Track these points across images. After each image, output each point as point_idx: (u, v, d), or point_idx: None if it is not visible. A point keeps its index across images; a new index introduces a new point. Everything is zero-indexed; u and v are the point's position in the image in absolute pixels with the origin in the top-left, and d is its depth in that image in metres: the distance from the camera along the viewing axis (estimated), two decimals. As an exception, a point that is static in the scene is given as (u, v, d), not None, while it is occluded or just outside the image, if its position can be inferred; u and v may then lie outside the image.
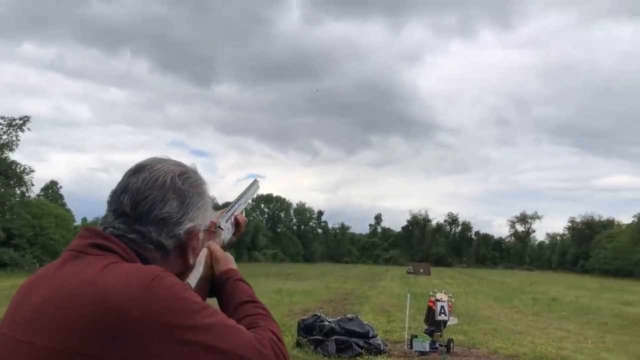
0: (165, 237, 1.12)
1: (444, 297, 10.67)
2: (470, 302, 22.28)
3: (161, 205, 1.11)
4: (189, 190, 1.16)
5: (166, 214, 1.11)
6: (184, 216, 1.14)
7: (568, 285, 41.25)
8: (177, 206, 1.13)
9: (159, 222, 1.11)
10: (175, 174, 1.16)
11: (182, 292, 1.02)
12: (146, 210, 1.10)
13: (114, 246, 1.09)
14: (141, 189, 1.12)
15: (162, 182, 1.13)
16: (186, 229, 1.14)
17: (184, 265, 1.18)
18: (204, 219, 1.19)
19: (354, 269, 69.39)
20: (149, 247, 1.11)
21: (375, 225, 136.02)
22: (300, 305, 18.64)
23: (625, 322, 16.97)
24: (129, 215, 1.11)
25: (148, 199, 1.11)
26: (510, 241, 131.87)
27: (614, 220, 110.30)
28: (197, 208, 1.17)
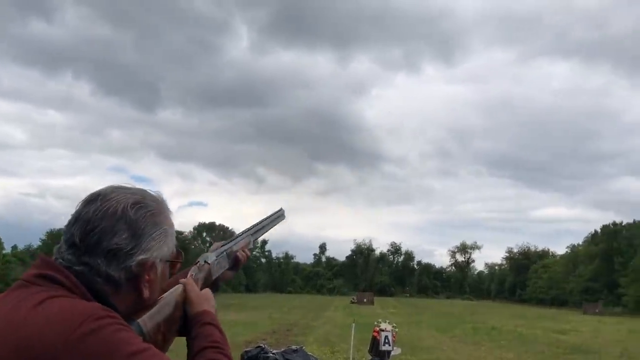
0: (115, 270, 1.07)
1: (388, 327, 10.70)
2: (413, 331, 22.46)
3: (110, 236, 1.07)
4: (142, 219, 1.11)
5: (115, 245, 1.07)
6: (135, 247, 1.09)
7: (507, 315, 42.29)
8: (128, 237, 1.08)
9: (107, 253, 1.07)
10: (128, 203, 1.11)
11: (116, 333, 0.97)
12: (95, 242, 1.06)
13: (62, 278, 1.04)
14: (91, 219, 1.08)
15: (113, 212, 1.09)
16: (138, 260, 1.09)
17: (138, 299, 1.13)
18: (160, 249, 1.14)
19: (298, 299, 68.87)
20: (97, 280, 1.06)
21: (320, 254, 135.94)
22: (243, 337, 18.26)
23: (559, 350, 17.50)
24: (78, 247, 1.07)
25: (97, 229, 1.07)
26: (451, 271, 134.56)
27: (549, 250, 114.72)
28: (151, 239, 1.12)
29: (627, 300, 67.01)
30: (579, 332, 25.34)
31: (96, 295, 1.05)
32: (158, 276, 1.16)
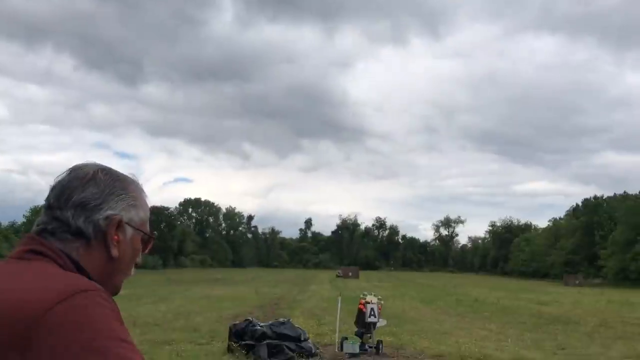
0: (84, 223, 1.13)
1: (374, 299, 10.90)
2: (398, 304, 22.81)
3: (80, 191, 1.14)
4: (110, 182, 1.18)
5: (83, 198, 1.14)
6: (103, 203, 1.15)
7: (489, 287, 43.08)
8: (96, 193, 1.15)
9: (77, 207, 1.13)
10: (99, 168, 1.20)
11: (106, 315, 0.98)
12: (65, 198, 1.14)
13: (47, 250, 1.09)
14: (65, 183, 1.16)
15: (84, 175, 1.17)
16: (105, 214, 1.15)
17: (107, 257, 1.16)
18: (128, 211, 1.19)
19: (284, 273, 69.39)
20: (68, 238, 1.12)
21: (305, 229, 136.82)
22: (230, 311, 18.43)
23: (541, 320, 17.93)
24: (52, 207, 1.15)
25: (69, 189, 1.15)
26: (435, 244, 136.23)
27: (531, 224, 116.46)
28: (119, 199, 1.17)
29: (606, 272, 68.55)
30: (560, 303, 25.94)
31: (79, 269, 1.10)
32: (128, 240, 1.19)
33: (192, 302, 21.59)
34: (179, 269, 79.76)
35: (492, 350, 11.52)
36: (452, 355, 10.86)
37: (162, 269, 72.48)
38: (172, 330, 13.23)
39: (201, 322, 15.10)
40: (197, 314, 17.22)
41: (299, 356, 9.86)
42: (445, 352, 11.20)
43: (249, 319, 10.88)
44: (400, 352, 11.21)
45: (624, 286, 55.67)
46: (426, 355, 10.97)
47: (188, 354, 10.19)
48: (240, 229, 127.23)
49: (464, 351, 11.22)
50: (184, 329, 13.47)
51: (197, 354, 10.22)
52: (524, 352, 11.59)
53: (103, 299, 1.00)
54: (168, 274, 58.10)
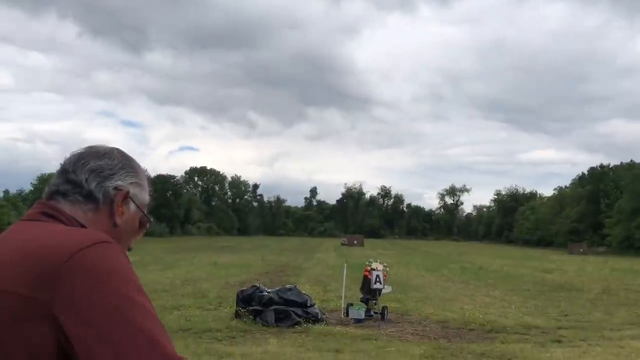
0: (96, 187, 1.21)
1: (380, 266, 11.01)
2: (403, 271, 23.02)
3: (96, 160, 1.24)
4: (123, 159, 1.28)
5: (98, 166, 1.23)
6: (114, 174, 1.24)
7: (493, 255, 43.34)
8: (110, 164, 1.24)
9: (91, 172, 1.21)
10: (116, 148, 1.30)
11: (128, 266, 1.06)
12: (82, 164, 1.22)
13: (58, 214, 1.17)
14: (83, 152, 1.26)
15: (102, 149, 1.28)
16: (116, 184, 1.23)
17: (111, 225, 1.23)
18: (134, 188, 1.28)
19: (289, 241, 69.94)
20: (79, 199, 1.20)
21: (311, 198, 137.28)
22: (237, 277, 18.68)
23: (544, 288, 18.08)
24: (67, 170, 1.22)
25: (86, 157, 1.24)
26: (440, 213, 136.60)
27: (536, 192, 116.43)
28: (129, 176, 1.27)
29: (611, 240, 68.74)
30: (564, 271, 26.11)
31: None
32: (130, 214, 1.27)
33: (199, 269, 21.87)
34: (185, 237, 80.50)
35: (496, 317, 11.66)
36: (456, 321, 11.01)
37: (169, 237, 73.23)
38: (181, 296, 13.44)
39: (208, 288, 15.32)
40: (205, 280, 17.46)
41: (306, 321, 10.02)
42: (449, 318, 11.36)
43: (256, 285, 11.04)
44: (405, 318, 11.38)
45: (629, 254, 55.88)
46: (431, 321, 11.12)
47: (197, 319, 10.38)
48: (245, 198, 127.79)
49: (468, 317, 11.37)
50: (192, 295, 13.69)
51: (205, 319, 10.40)
52: (528, 318, 11.73)
53: (122, 251, 1.10)
54: (175, 241, 58.70)
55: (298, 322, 9.93)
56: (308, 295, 10.96)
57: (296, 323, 9.91)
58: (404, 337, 9.59)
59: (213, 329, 9.51)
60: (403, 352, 8.29)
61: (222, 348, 8.21)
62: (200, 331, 9.32)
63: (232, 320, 10.17)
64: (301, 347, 8.51)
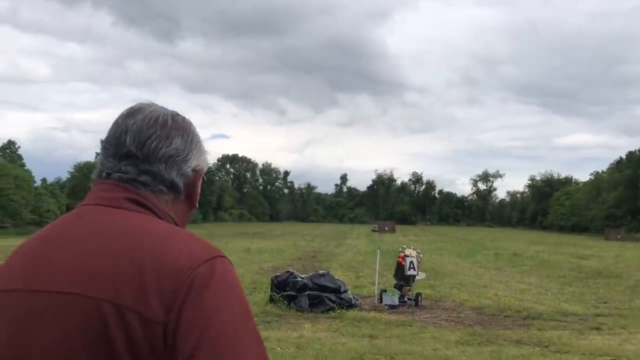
0: (177, 177, 1.09)
1: (413, 253, 10.96)
2: (436, 258, 22.88)
3: (167, 142, 1.08)
4: (189, 128, 1.13)
5: (174, 150, 1.08)
6: (189, 154, 1.11)
7: (528, 241, 42.69)
8: (182, 143, 1.10)
9: (168, 159, 1.07)
10: (173, 113, 1.14)
11: (240, 284, 0.98)
12: (153, 149, 1.06)
13: (151, 204, 1.05)
14: (143, 127, 1.07)
15: (164, 121, 1.10)
16: (193, 166, 1.12)
17: (190, 208, 1.16)
18: (205, 160, 1.17)
19: (320, 227, 70.15)
20: (161, 189, 1.07)
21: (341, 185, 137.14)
22: (270, 263, 18.86)
23: (581, 274, 17.74)
24: (136, 156, 1.06)
25: (153, 137, 1.07)
26: (473, 199, 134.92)
27: (572, 178, 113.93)
28: (199, 149, 1.14)
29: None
30: (601, 258, 25.55)
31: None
32: (199, 189, 1.18)
33: (232, 255, 22.05)
34: (218, 223, 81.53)
35: (532, 304, 11.51)
36: (491, 308, 10.91)
37: (202, 223, 74.31)
38: (215, 282, 13.60)
39: (243, 273, 15.47)
40: (239, 266, 17.63)
41: (339, 307, 10.07)
42: (484, 304, 11.26)
43: (290, 271, 11.12)
44: (439, 304, 11.33)
45: (669, 241, 54.37)
46: (465, 307, 11.04)
47: (232, 304, 10.50)
48: (276, 185, 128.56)
49: (504, 304, 11.25)
50: (227, 281, 13.83)
51: (241, 304, 10.52)
52: (564, 305, 11.55)
53: (232, 266, 1.00)
54: (208, 227, 59.47)
55: (332, 308, 9.98)
56: (341, 281, 10.99)
57: (330, 309, 9.96)
58: (438, 323, 9.55)
59: (248, 313, 9.62)
60: (438, 338, 8.26)
61: (257, 333, 8.30)
62: (236, 316, 9.43)
63: (267, 305, 10.29)
64: (336, 332, 8.56)
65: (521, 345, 8.01)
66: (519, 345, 8.01)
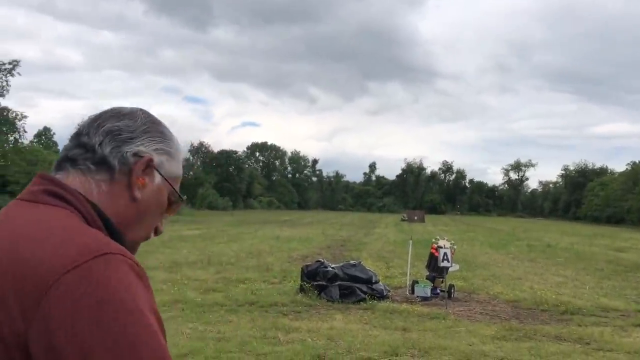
0: (110, 152, 1.01)
1: (447, 243, 10.70)
2: (467, 248, 22.48)
3: (114, 120, 1.04)
4: (148, 122, 1.08)
5: (115, 127, 1.03)
6: (135, 138, 1.03)
7: (561, 232, 41.80)
8: (131, 126, 1.04)
9: (107, 134, 1.02)
10: (141, 109, 1.10)
11: (130, 286, 0.82)
12: (97, 125, 1.04)
13: (65, 193, 0.96)
14: (103, 114, 1.07)
15: (123, 110, 1.08)
16: (135, 149, 1.03)
17: (129, 199, 1.02)
18: (160, 156, 1.06)
19: (348, 216, 70.01)
20: (90, 168, 1.00)
21: (370, 173, 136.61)
22: (299, 251, 18.78)
23: (619, 267, 17.20)
24: (80, 133, 1.04)
25: (104, 118, 1.05)
26: (504, 189, 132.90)
27: (607, 168, 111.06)
28: (153, 141, 1.05)
29: (689, 218, 64.83)
30: (639, 250, 24.80)
31: (97, 212, 0.97)
32: (154, 187, 1.05)
33: (262, 242, 22.14)
34: (247, 210, 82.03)
35: (570, 297, 11.15)
36: (527, 301, 10.59)
37: (232, 210, 74.86)
38: (245, 269, 13.60)
39: (272, 261, 15.44)
40: (268, 254, 17.63)
41: (371, 298, 9.89)
42: (520, 297, 10.94)
43: (320, 261, 10.98)
44: (472, 297, 11.05)
45: None
46: (500, 300, 10.75)
47: (262, 292, 10.44)
48: (305, 173, 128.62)
49: (540, 297, 10.92)
50: (257, 269, 13.82)
51: (271, 292, 10.45)
52: (604, 299, 11.16)
53: (128, 263, 0.85)
54: (237, 215, 59.89)
55: (363, 299, 9.82)
56: (373, 272, 10.81)
57: (361, 299, 9.79)
58: (473, 316, 9.30)
59: (279, 303, 9.53)
60: (473, 332, 8.02)
61: (288, 323, 8.20)
62: (267, 305, 9.36)
63: (297, 295, 10.17)
64: (367, 324, 8.39)
65: (561, 342, 7.72)
66: (559, 342, 7.72)
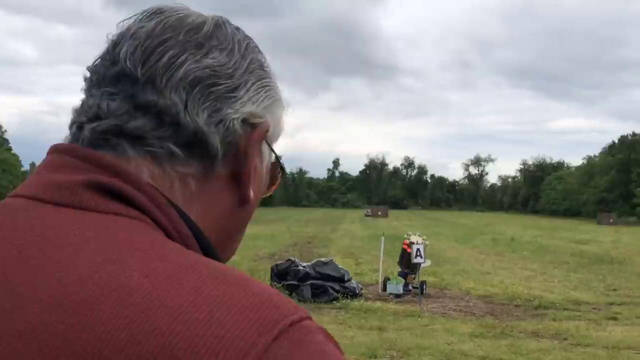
0: (207, 122, 0.54)
1: (419, 239, 10.50)
2: (434, 243, 22.30)
3: (198, 55, 0.55)
4: (247, 48, 0.60)
5: (208, 71, 0.55)
6: (240, 88, 0.57)
7: (522, 226, 42.52)
8: (230, 66, 0.57)
9: (194, 86, 0.54)
10: (222, 18, 0.61)
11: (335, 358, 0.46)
12: (166, 63, 0.54)
13: (136, 193, 0.51)
14: (156, 30, 0.56)
15: (199, 24, 0.57)
16: (246, 113, 0.57)
17: (240, 200, 0.60)
18: (273, 114, 0.62)
19: (312, 212, 69.83)
20: (173, 153, 0.54)
21: (333, 169, 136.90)
22: (266, 249, 18.36)
23: (584, 260, 17.41)
24: (131, 76, 0.54)
25: (169, 42, 0.55)
26: (464, 183, 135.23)
27: (564, 162, 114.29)
28: (262, 86, 0.60)
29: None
30: (600, 242, 25.29)
31: (187, 221, 0.54)
32: (263, 172, 0.64)
33: (226, 241, 21.60)
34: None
35: (541, 292, 11.12)
36: (499, 297, 10.51)
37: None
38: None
39: (239, 260, 14.96)
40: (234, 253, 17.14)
41: (343, 296, 9.61)
42: (492, 292, 10.85)
43: (291, 259, 10.64)
44: (445, 293, 10.91)
45: (660, 225, 54.56)
46: (473, 296, 10.63)
47: (230, 293, 10.02)
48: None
49: (512, 292, 10.85)
50: (223, 268, 13.35)
51: (239, 293, 10.04)
52: (574, 293, 11.17)
53: (321, 331, 0.47)
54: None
55: (336, 298, 9.52)
56: (345, 270, 10.53)
57: (334, 299, 9.50)
58: (448, 313, 9.13)
59: (248, 304, 9.14)
60: (450, 331, 7.83)
61: (259, 325, 7.83)
62: (235, 307, 8.96)
63: (267, 296, 9.79)
64: (342, 324, 8.10)
65: (539, 338, 7.60)
66: (537, 338, 7.60)
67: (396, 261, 11.30)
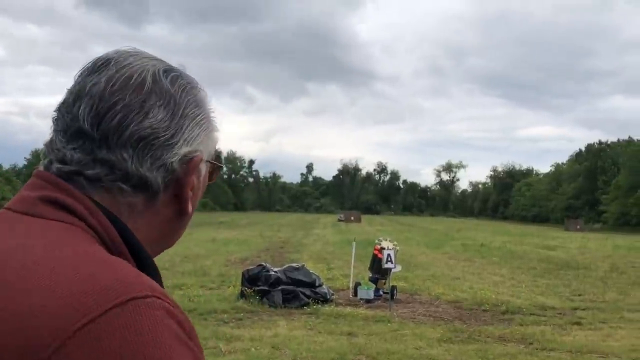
0: (150, 169, 0.69)
1: (390, 245, 10.59)
2: (405, 248, 22.51)
3: (140, 116, 0.68)
4: (182, 94, 0.73)
5: (149, 130, 0.69)
6: (176, 135, 0.71)
7: (492, 232, 43.14)
8: (166, 119, 0.70)
9: (138, 143, 0.68)
10: (159, 69, 0.72)
11: (168, 335, 0.56)
12: (116, 125, 0.67)
13: (75, 203, 0.66)
14: (106, 93, 0.69)
15: (139, 82, 0.70)
16: (182, 154, 0.71)
17: (176, 214, 0.75)
18: (206, 142, 0.76)
19: (285, 217, 69.65)
20: (123, 189, 0.69)
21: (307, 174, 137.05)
22: (237, 254, 18.28)
23: (550, 266, 17.76)
24: (90, 136, 0.68)
25: (118, 107, 0.68)
26: (436, 189, 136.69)
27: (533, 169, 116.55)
28: (196, 124, 0.73)
29: (607, 217, 68.89)
30: (566, 248, 25.83)
31: (120, 227, 0.68)
32: (202, 181, 0.78)
33: (198, 245, 21.41)
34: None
35: (508, 297, 11.30)
36: (468, 302, 10.64)
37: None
38: (181, 275, 13.01)
39: (210, 265, 14.90)
40: (205, 257, 17.04)
41: (314, 302, 9.63)
42: (461, 298, 10.99)
43: (262, 265, 10.61)
44: (415, 298, 11.01)
45: (624, 231, 55.98)
46: (442, 301, 10.74)
47: (200, 299, 9.95)
48: (241, 173, 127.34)
49: (480, 297, 11.00)
50: (193, 273, 13.26)
51: (210, 299, 9.98)
52: (541, 298, 11.39)
53: (164, 307, 0.58)
54: (171, 217, 58.24)
55: (306, 303, 9.53)
56: (316, 275, 10.55)
57: (305, 304, 9.51)
58: (417, 318, 9.21)
59: (218, 310, 9.09)
60: (419, 335, 7.90)
61: (229, 331, 7.79)
62: (205, 312, 8.90)
63: (238, 301, 9.75)
64: (312, 329, 8.12)
65: (505, 343, 7.72)
66: (503, 343, 7.72)
67: (367, 266, 11.38)
